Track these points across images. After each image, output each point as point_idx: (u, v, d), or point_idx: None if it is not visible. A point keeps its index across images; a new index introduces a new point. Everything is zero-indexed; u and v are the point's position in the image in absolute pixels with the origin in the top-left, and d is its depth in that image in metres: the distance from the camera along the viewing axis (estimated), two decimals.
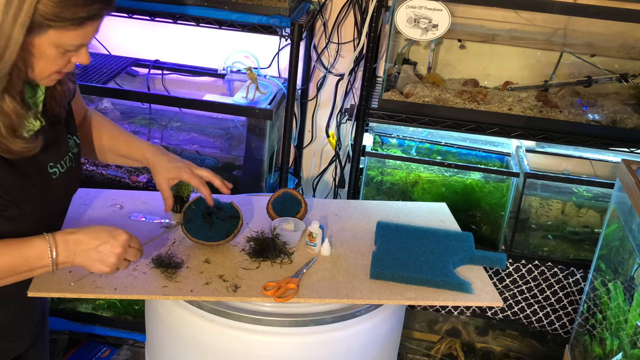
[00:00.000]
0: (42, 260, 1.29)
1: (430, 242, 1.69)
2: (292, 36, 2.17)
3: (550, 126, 2.22)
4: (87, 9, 1.18)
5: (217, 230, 1.60)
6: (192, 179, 1.59)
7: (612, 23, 2.19)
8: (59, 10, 1.15)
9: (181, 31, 2.47)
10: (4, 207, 1.27)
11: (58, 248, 1.29)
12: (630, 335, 1.75)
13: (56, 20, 1.16)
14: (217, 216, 1.61)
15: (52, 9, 1.15)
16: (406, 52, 2.45)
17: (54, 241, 1.29)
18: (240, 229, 1.60)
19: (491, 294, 1.52)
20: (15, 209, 1.29)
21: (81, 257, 1.32)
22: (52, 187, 1.36)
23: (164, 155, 1.61)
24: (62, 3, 1.15)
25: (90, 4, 1.19)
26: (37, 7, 1.13)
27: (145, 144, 1.64)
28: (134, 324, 2.47)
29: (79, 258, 1.32)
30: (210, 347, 1.49)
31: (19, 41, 1.15)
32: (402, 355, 2.60)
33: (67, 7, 1.16)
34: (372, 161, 2.41)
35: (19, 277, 1.30)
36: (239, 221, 1.59)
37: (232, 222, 1.60)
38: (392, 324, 1.62)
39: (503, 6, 2.15)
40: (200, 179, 1.60)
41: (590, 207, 2.41)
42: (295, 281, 1.48)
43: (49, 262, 1.29)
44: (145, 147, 1.63)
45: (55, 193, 1.39)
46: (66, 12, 1.16)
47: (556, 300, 2.41)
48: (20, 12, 1.13)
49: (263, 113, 2.26)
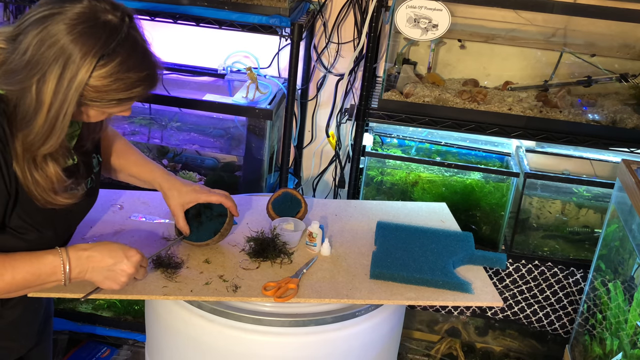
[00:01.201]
0: (55, 275, 1.31)
1: (430, 242, 1.69)
2: (292, 36, 2.17)
3: (550, 126, 2.22)
4: (127, 93, 1.22)
5: (205, 229, 1.59)
6: (212, 197, 1.58)
7: (612, 23, 2.19)
8: (99, 94, 1.20)
9: (181, 31, 2.47)
10: (24, 231, 1.30)
11: (72, 264, 1.31)
12: (630, 335, 1.75)
13: (96, 101, 1.21)
14: (205, 215, 1.61)
15: (93, 93, 1.19)
16: (406, 52, 2.45)
17: (67, 257, 1.31)
18: (228, 227, 1.58)
19: (491, 294, 1.52)
20: (35, 232, 1.31)
21: (93, 274, 1.34)
22: (73, 210, 1.37)
23: (176, 180, 1.60)
24: (104, 88, 1.19)
25: (131, 88, 1.22)
26: (82, 92, 1.17)
27: (156, 167, 1.62)
28: (134, 324, 2.47)
29: (90, 274, 1.34)
30: (210, 347, 1.49)
31: (65, 126, 1.20)
32: (402, 355, 2.60)
33: (108, 93, 1.20)
34: (372, 161, 2.41)
35: (31, 290, 1.32)
36: (226, 219, 1.58)
37: (220, 221, 1.59)
38: (392, 324, 1.62)
39: (503, 6, 2.15)
40: (219, 194, 1.59)
41: (590, 207, 2.41)
42: (295, 281, 1.48)
43: (61, 278, 1.31)
44: (156, 171, 1.61)
45: (76, 215, 1.42)
46: (106, 96, 1.20)
47: (556, 300, 2.41)
48: (67, 99, 1.17)
49: (263, 113, 2.26)
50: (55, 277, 1.31)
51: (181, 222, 1.57)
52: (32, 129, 1.18)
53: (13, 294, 1.31)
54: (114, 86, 1.19)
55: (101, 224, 1.66)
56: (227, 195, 1.60)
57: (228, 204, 1.58)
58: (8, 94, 1.19)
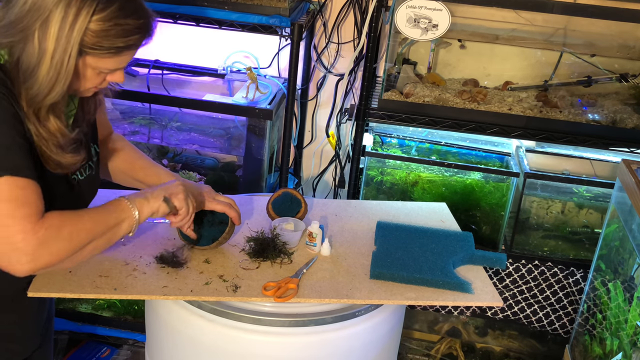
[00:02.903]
0: (124, 211, 1.35)
1: (430, 242, 1.69)
2: (292, 36, 2.17)
3: (550, 126, 2.22)
4: (125, 40, 1.24)
5: (205, 234, 1.59)
6: (217, 205, 1.58)
7: (612, 23, 2.19)
8: (98, 40, 1.21)
9: (181, 31, 2.47)
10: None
11: (133, 199, 1.37)
12: (630, 335, 1.75)
13: (94, 48, 1.22)
14: (207, 220, 1.61)
15: (92, 38, 1.21)
16: (406, 52, 2.45)
17: (127, 198, 1.37)
18: (227, 236, 1.57)
19: (491, 294, 1.52)
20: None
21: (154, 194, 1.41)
22: (76, 197, 1.39)
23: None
24: (103, 33, 1.21)
25: (129, 35, 1.24)
26: (83, 38, 1.20)
27: (163, 171, 1.63)
28: (134, 324, 2.47)
29: (152, 197, 1.40)
30: (210, 347, 1.49)
31: (70, 71, 1.22)
32: (402, 355, 2.60)
33: (107, 38, 1.22)
34: (372, 161, 2.41)
35: (103, 240, 1.32)
36: (226, 227, 1.57)
37: (220, 229, 1.59)
38: (392, 324, 1.62)
39: (503, 6, 2.15)
40: (223, 203, 1.58)
41: (590, 207, 2.41)
42: (295, 281, 1.48)
43: (131, 210, 1.36)
44: (163, 176, 1.61)
45: (78, 203, 1.42)
46: (105, 42, 1.22)
47: (556, 300, 2.41)
48: (70, 43, 1.19)
49: (263, 113, 2.26)
50: (125, 213, 1.34)
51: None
52: (37, 78, 1.20)
53: (86, 248, 1.28)
54: (113, 31, 1.21)
55: None
56: (232, 203, 1.59)
57: (232, 214, 1.57)
58: (8, 49, 1.21)
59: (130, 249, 1.56)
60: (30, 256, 1.17)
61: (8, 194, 1.16)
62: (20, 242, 1.16)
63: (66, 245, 1.23)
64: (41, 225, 1.19)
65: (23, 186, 1.18)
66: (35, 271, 1.21)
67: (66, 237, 1.23)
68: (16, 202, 1.17)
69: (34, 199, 1.20)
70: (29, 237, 1.17)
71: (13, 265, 1.18)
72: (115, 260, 1.52)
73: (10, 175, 1.16)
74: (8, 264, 1.19)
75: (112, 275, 1.46)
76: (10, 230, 1.16)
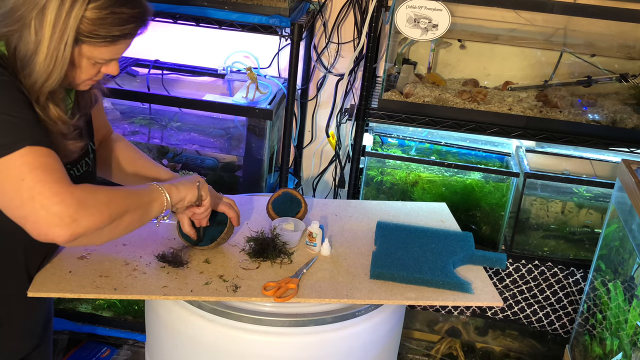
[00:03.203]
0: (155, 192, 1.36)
1: (430, 242, 1.69)
2: (292, 36, 2.17)
3: (550, 126, 2.22)
4: (120, 29, 1.25)
5: (205, 235, 1.59)
6: (216, 206, 1.58)
7: (612, 23, 2.19)
8: (94, 28, 1.22)
9: (181, 31, 2.47)
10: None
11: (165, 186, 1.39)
12: (630, 335, 1.75)
13: (90, 37, 1.23)
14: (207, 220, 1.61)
15: (88, 26, 1.22)
16: (406, 52, 2.45)
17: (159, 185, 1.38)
18: (226, 237, 1.57)
19: (491, 294, 1.52)
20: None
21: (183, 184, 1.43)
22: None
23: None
24: (99, 22, 1.22)
25: (125, 24, 1.25)
26: (79, 25, 1.20)
27: (164, 171, 1.63)
28: (134, 324, 2.47)
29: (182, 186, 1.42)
30: (210, 347, 1.49)
31: (67, 59, 1.22)
32: (402, 355, 2.60)
33: (103, 26, 1.22)
34: (372, 161, 2.41)
35: (134, 215, 1.31)
36: (225, 228, 1.57)
37: (219, 229, 1.59)
38: (392, 324, 1.62)
39: (503, 6, 2.15)
40: (224, 203, 1.58)
41: (590, 207, 2.41)
42: (295, 281, 1.48)
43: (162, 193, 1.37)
44: (163, 175, 1.61)
45: None
46: (101, 30, 1.23)
47: (556, 300, 2.41)
48: (66, 31, 1.20)
49: (263, 113, 2.26)
50: (156, 194, 1.35)
51: (187, 227, 1.56)
52: (34, 66, 1.20)
53: (122, 220, 1.27)
54: (109, 20, 1.22)
55: None
56: (232, 204, 1.59)
57: (231, 214, 1.57)
58: (6, 39, 1.22)
59: (130, 249, 1.57)
60: (71, 218, 1.14)
61: (33, 163, 1.14)
62: (57, 205, 1.13)
63: (104, 208, 1.21)
64: (75, 187, 1.17)
65: (46, 154, 1.17)
66: (76, 236, 1.17)
67: (103, 200, 1.21)
68: (43, 169, 1.15)
69: (59, 166, 1.18)
70: (66, 198, 1.14)
71: (52, 230, 1.14)
72: (115, 260, 1.52)
73: (31, 145, 1.15)
74: (47, 229, 1.14)
75: (112, 275, 1.46)
76: (44, 196, 1.13)
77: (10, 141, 1.14)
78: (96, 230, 1.20)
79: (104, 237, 1.26)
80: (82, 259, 1.51)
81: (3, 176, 1.14)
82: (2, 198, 1.16)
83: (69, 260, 1.49)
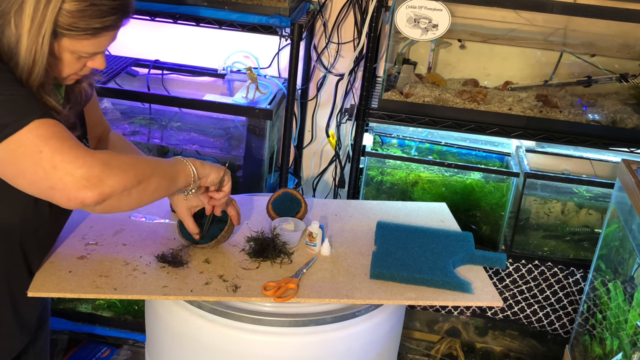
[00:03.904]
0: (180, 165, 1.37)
1: (430, 242, 1.69)
2: (292, 36, 2.17)
3: (550, 126, 2.22)
4: (101, 21, 1.23)
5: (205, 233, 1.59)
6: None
7: (612, 23, 2.19)
8: (74, 20, 1.20)
9: (181, 31, 2.47)
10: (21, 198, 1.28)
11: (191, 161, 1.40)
12: (630, 335, 1.75)
13: (70, 29, 1.21)
14: (207, 218, 1.60)
15: (68, 19, 1.20)
16: (406, 52, 2.45)
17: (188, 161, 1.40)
18: (226, 235, 1.57)
19: (491, 294, 1.52)
20: (31, 204, 1.31)
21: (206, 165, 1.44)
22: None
23: None
24: (78, 14, 1.20)
25: (105, 16, 1.23)
26: (57, 18, 1.19)
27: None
28: (134, 324, 2.47)
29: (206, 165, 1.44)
30: (210, 347, 1.49)
31: (45, 52, 1.21)
32: (402, 355, 2.60)
33: (82, 19, 1.21)
34: (372, 161, 2.41)
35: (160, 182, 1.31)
36: (225, 226, 1.57)
37: (220, 227, 1.59)
38: (392, 324, 1.62)
39: (503, 6, 2.15)
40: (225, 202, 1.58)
41: (590, 207, 2.41)
42: (295, 281, 1.48)
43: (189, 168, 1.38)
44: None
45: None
46: (80, 22, 1.21)
47: (556, 300, 2.41)
48: (43, 24, 1.18)
49: (263, 113, 2.26)
50: (182, 165, 1.36)
51: (191, 225, 1.56)
52: (18, 62, 1.20)
53: (149, 183, 1.26)
54: (89, 12, 1.20)
55: (101, 224, 1.66)
56: (233, 202, 1.59)
57: (232, 212, 1.58)
58: None
59: (130, 249, 1.57)
60: (97, 177, 1.14)
61: (45, 134, 1.13)
62: (81, 169, 1.13)
63: (129, 168, 1.21)
64: (95, 150, 1.17)
65: (54, 124, 1.16)
66: (105, 196, 1.16)
67: (127, 162, 1.21)
68: (57, 137, 1.14)
69: (70, 134, 1.17)
70: (89, 160, 1.14)
71: (80, 192, 1.14)
72: (115, 260, 1.52)
73: (38, 118, 1.14)
74: (77, 192, 1.14)
75: (112, 275, 1.46)
76: (66, 162, 1.13)
77: (16, 118, 1.13)
78: (124, 191, 1.20)
79: (132, 201, 1.25)
80: (82, 259, 1.51)
81: (20, 153, 1.13)
82: (26, 175, 1.15)
83: (68, 260, 1.49)
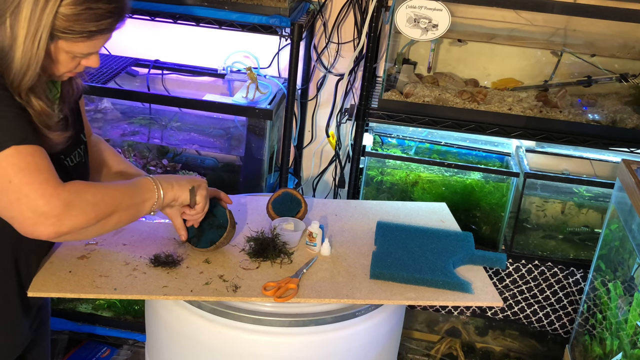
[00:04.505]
0: (149, 191, 1.37)
1: (430, 242, 1.69)
2: (292, 36, 2.17)
3: (550, 126, 2.22)
4: (97, 24, 1.25)
5: (204, 237, 1.59)
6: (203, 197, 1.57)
7: (612, 23, 2.19)
8: (70, 24, 1.22)
9: (181, 31, 2.47)
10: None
11: (159, 180, 1.41)
12: (630, 335, 1.75)
13: (66, 32, 1.23)
14: (207, 222, 1.60)
15: (63, 22, 1.21)
16: (406, 52, 2.45)
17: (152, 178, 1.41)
18: (225, 241, 1.57)
19: (491, 294, 1.52)
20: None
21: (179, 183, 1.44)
22: (66, 177, 1.37)
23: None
24: (74, 17, 1.21)
25: (101, 19, 1.24)
26: (53, 21, 1.20)
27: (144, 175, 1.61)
28: (134, 324, 2.47)
29: (177, 185, 1.43)
30: (210, 347, 1.49)
31: (41, 55, 1.22)
32: (402, 355, 2.60)
33: (78, 22, 1.22)
34: (372, 161, 2.41)
35: (126, 211, 1.33)
36: (224, 232, 1.57)
37: (219, 232, 1.58)
38: (392, 324, 1.62)
39: (503, 6, 2.15)
40: (214, 189, 1.59)
41: (590, 207, 2.41)
42: (295, 281, 1.48)
43: (154, 191, 1.39)
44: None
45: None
46: (76, 26, 1.22)
47: (556, 300, 2.41)
48: (40, 27, 1.20)
49: (263, 113, 2.26)
50: (150, 193, 1.37)
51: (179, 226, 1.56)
52: (11, 62, 1.21)
53: (111, 218, 1.29)
54: (84, 15, 1.22)
55: None
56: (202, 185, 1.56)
57: (221, 195, 1.60)
58: None
59: (130, 249, 1.57)
60: (55, 218, 1.17)
61: (19, 164, 1.16)
62: (43, 207, 1.16)
63: (90, 210, 1.23)
64: (63, 188, 1.19)
65: (32, 153, 1.18)
66: (60, 235, 1.20)
67: (90, 201, 1.23)
68: (29, 170, 1.16)
69: (46, 165, 1.20)
70: (53, 200, 1.17)
71: (37, 229, 1.18)
72: (115, 260, 1.52)
73: (16, 145, 1.16)
74: (33, 228, 1.18)
75: (112, 275, 1.46)
76: (30, 199, 1.16)
77: None
78: (81, 229, 1.23)
79: (91, 234, 1.31)
80: (82, 259, 1.51)
81: None
82: None
83: (69, 260, 1.49)
